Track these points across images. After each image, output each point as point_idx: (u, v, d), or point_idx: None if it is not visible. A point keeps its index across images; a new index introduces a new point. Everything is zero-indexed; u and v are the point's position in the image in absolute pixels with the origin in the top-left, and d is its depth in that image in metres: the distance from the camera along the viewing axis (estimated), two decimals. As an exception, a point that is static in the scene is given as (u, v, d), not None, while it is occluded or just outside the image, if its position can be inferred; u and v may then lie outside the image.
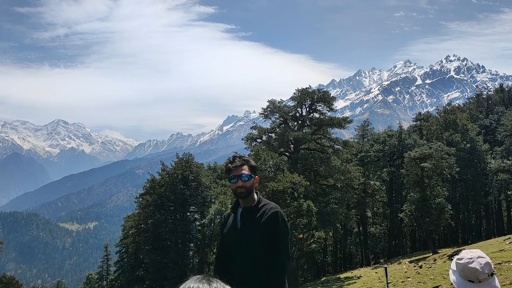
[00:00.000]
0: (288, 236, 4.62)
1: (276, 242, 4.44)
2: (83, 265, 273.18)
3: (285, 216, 4.64)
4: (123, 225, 59.84)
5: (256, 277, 4.38)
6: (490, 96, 72.63)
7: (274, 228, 4.45)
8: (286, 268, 4.48)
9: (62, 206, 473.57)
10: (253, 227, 4.49)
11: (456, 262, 3.48)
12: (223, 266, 4.64)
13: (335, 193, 47.36)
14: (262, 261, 4.39)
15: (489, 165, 52.13)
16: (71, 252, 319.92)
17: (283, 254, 4.44)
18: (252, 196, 4.65)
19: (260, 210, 4.55)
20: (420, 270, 26.69)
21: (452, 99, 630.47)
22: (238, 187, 4.56)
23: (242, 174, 4.54)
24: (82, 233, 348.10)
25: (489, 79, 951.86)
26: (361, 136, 62.21)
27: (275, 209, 4.53)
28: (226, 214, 4.86)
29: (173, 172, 54.77)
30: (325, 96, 47.23)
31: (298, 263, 40.77)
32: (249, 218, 4.55)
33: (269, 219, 4.46)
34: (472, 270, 3.35)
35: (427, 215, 39.88)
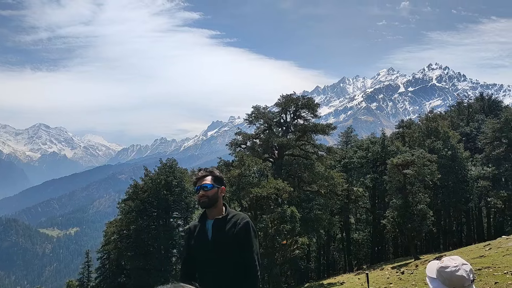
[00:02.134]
0: (258, 244, 4.74)
1: (249, 251, 4.55)
2: (64, 272, 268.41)
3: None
4: (105, 231, 59.01)
5: (229, 286, 4.44)
6: (470, 104, 73.89)
7: (247, 238, 4.56)
8: (259, 276, 4.56)
9: (43, 211, 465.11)
10: (225, 238, 4.55)
11: (440, 271, 3.39)
12: (190, 278, 4.64)
13: (319, 199, 47.52)
14: (233, 272, 4.46)
15: (469, 172, 52.97)
16: (51, 258, 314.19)
17: (256, 262, 4.56)
18: (218, 207, 4.69)
19: (231, 221, 4.62)
20: (402, 276, 26.92)
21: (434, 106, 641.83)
22: (200, 196, 4.63)
23: (204, 184, 4.64)
24: (62, 239, 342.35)
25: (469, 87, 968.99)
26: (345, 143, 62.68)
27: (247, 219, 4.64)
28: (192, 225, 4.86)
29: (156, 178, 54.31)
30: (309, 103, 47.51)
31: (281, 269, 40.75)
32: (220, 229, 4.59)
33: (242, 230, 4.55)
34: (460, 277, 3.31)
35: (409, 221, 40.29)
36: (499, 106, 74.46)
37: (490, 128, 54.90)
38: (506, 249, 26.21)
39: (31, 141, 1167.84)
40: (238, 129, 51.35)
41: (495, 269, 20.08)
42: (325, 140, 68.15)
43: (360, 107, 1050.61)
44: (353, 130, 66.57)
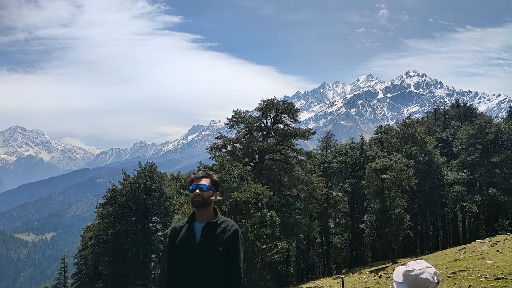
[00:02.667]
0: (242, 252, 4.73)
1: (236, 258, 4.54)
2: (39, 278, 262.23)
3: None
4: (82, 236, 58.08)
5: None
6: (447, 111, 75.44)
7: (235, 244, 4.55)
8: (241, 282, 4.58)
9: (18, 216, 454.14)
10: (214, 242, 4.51)
11: (406, 274, 3.53)
12: (174, 279, 4.57)
13: (299, 204, 47.73)
14: (215, 276, 4.43)
15: (445, 177, 53.98)
16: (26, 264, 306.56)
17: (241, 269, 4.58)
18: (209, 211, 4.65)
19: (221, 226, 4.59)
20: (380, 279, 27.27)
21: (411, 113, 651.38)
22: (195, 195, 4.57)
23: (201, 184, 4.59)
24: (38, 244, 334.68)
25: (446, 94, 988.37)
26: (325, 148, 63.18)
27: (236, 227, 4.62)
28: (178, 226, 4.75)
29: (135, 182, 53.81)
30: (289, 108, 47.79)
31: (261, 274, 40.72)
32: (210, 234, 4.55)
33: (231, 236, 4.53)
34: (424, 280, 3.45)
35: (387, 225, 40.85)
36: (474, 113, 76.29)
37: (465, 134, 56.13)
38: (480, 253, 26.82)
39: (7, 144, 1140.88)
40: (219, 133, 51.30)
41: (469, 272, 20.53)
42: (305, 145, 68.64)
43: (340, 113, 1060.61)
44: (332, 135, 67.21)
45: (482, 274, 18.89)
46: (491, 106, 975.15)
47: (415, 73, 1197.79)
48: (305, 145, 75.73)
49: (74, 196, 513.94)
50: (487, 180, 52.52)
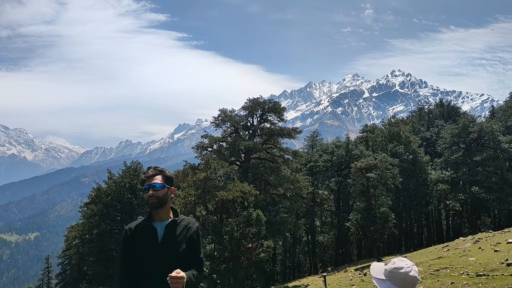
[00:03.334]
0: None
1: (200, 252, 4.59)
2: (22, 278, 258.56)
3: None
4: (66, 236, 57.42)
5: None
6: (431, 110, 76.31)
7: (198, 241, 4.58)
8: (202, 275, 4.64)
9: (0, 216, 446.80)
10: (177, 240, 4.45)
11: (394, 272, 3.46)
12: (131, 280, 4.41)
13: (285, 202, 47.87)
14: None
15: (429, 176, 54.63)
16: (9, 264, 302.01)
17: (203, 262, 4.65)
18: (166, 208, 4.57)
19: (181, 224, 4.55)
20: (365, 277, 27.50)
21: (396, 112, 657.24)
22: (149, 196, 4.48)
23: (153, 183, 4.49)
24: (21, 245, 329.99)
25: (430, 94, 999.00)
26: (311, 147, 63.43)
27: (196, 224, 4.64)
28: (133, 227, 4.62)
29: (120, 181, 53.34)
30: (276, 107, 47.86)
31: (247, 273, 40.75)
32: (173, 232, 4.48)
33: (194, 233, 4.53)
34: (412, 278, 3.43)
35: (372, 224, 41.21)
36: (458, 112, 77.37)
37: (448, 133, 56.86)
38: (463, 250, 27.22)
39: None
40: (205, 132, 51.19)
41: (452, 269, 20.82)
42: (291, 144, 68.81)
43: (326, 112, 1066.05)
44: (318, 134, 67.49)
45: (464, 271, 19.16)
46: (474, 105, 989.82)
47: (400, 72, 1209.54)
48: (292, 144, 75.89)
49: (58, 196, 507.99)
50: (470, 179, 53.30)
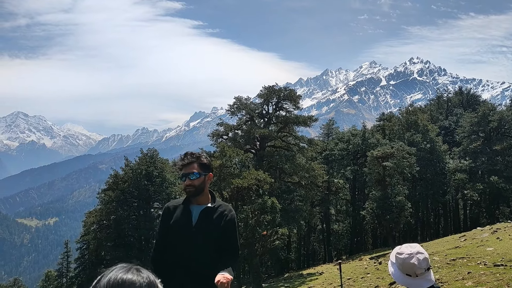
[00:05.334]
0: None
1: (235, 240, 4.58)
2: (42, 262, 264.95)
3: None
4: (84, 221, 58.35)
5: (203, 272, 4.38)
6: (450, 98, 75.05)
7: (233, 229, 4.57)
8: (237, 260, 4.65)
9: (21, 201, 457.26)
10: (211, 227, 4.48)
11: (396, 256, 3.65)
12: (161, 256, 4.55)
13: (300, 191, 47.83)
14: (210, 258, 4.42)
15: (447, 165, 53.93)
16: (30, 248, 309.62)
17: (238, 247, 4.63)
18: (205, 195, 4.59)
19: (218, 210, 4.56)
20: (380, 266, 27.40)
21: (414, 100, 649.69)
22: (187, 185, 4.49)
23: (191, 172, 4.48)
24: (41, 229, 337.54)
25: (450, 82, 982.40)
26: (326, 135, 63.08)
27: (233, 211, 4.63)
28: (172, 206, 4.67)
29: (137, 168, 53.88)
30: (291, 94, 47.61)
31: (261, 260, 41.03)
32: (208, 218, 4.52)
33: (229, 221, 4.53)
34: (411, 265, 3.54)
35: (388, 212, 40.96)
36: (477, 100, 75.88)
37: (467, 122, 55.91)
38: (480, 240, 26.88)
39: (9, 130, 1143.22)
40: (221, 119, 51.24)
41: (469, 259, 20.59)
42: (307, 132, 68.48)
43: (343, 100, 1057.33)
44: (334, 122, 67.00)
45: (481, 261, 18.94)
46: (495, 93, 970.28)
47: (419, 60, 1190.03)
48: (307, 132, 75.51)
49: (76, 182, 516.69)
50: (489, 168, 52.47)
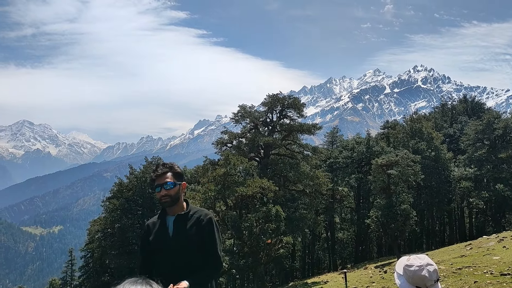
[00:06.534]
0: (221, 240, 4.70)
1: (214, 245, 4.51)
2: (47, 270, 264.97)
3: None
4: (89, 230, 58.48)
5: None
6: (454, 106, 74.86)
7: (211, 233, 4.52)
8: (221, 266, 4.58)
9: (26, 209, 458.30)
10: (187, 234, 4.45)
11: (405, 269, 3.55)
12: (146, 273, 4.46)
13: (304, 199, 47.69)
14: (192, 267, 4.41)
15: (452, 173, 53.65)
16: (34, 257, 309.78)
17: (219, 254, 4.53)
18: (180, 204, 4.58)
19: (193, 217, 4.53)
20: (385, 275, 27.23)
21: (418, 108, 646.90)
22: (162, 196, 4.46)
23: (165, 182, 4.45)
24: (46, 238, 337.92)
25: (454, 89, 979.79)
26: (331, 143, 63.01)
27: (210, 215, 4.59)
28: (151, 223, 4.68)
29: (142, 176, 54.00)
30: (295, 102, 47.65)
31: (266, 268, 40.85)
32: (182, 225, 4.49)
33: (205, 226, 4.49)
34: (422, 277, 3.46)
35: (393, 221, 40.71)
36: (482, 108, 75.63)
37: (472, 130, 55.69)
38: (486, 249, 26.66)
39: (15, 138, 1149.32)
40: (225, 128, 51.31)
41: (475, 268, 20.42)
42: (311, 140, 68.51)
43: (347, 108, 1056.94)
44: (338, 130, 66.98)
45: (488, 270, 18.78)
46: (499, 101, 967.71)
47: (423, 67, 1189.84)
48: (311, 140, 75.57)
49: (81, 190, 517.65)
50: (494, 176, 52.13)
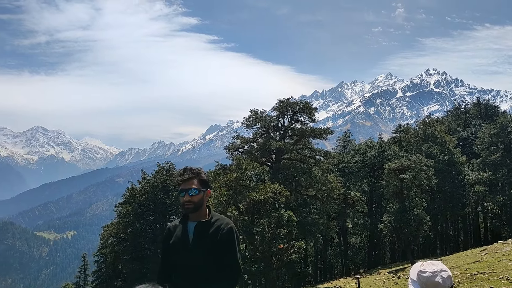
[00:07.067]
0: (240, 248, 4.67)
1: (233, 254, 4.48)
2: (60, 275, 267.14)
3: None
4: (101, 235, 58.88)
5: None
6: (467, 109, 74.16)
7: (231, 243, 4.48)
8: (240, 275, 4.56)
9: (40, 214, 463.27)
10: (207, 242, 4.45)
11: (419, 275, 3.54)
12: (166, 278, 4.55)
13: (316, 204, 47.53)
14: (210, 274, 4.40)
15: (466, 177, 53.05)
16: (48, 262, 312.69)
17: (239, 263, 4.51)
18: (202, 210, 4.58)
19: (214, 224, 4.51)
20: (398, 280, 26.96)
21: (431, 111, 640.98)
22: (185, 201, 4.47)
23: (190, 188, 4.46)
24: (59, 242, 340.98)
25: (467, 93, 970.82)
26: (342, 147, 62.77)
27: (231, 225, 4.55)
28: (172, 226, 4.71)
29: (154, 181, 54.30)
30: (306, 107, 47.62)
31: (278, 274, 40.68)
32: (203, 233, 4.49)
33: (225, 235, 4.46)
34: (435, 283, 3.45)
35: (406, 226, 40.31)
36: (496, 111, 74.79)
37: (486, 133, 55.05)
38: (502, 254, 26.26)
39: (29, 144, 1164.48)
40: (236, 133, 51.44)
41: (491, 274, 20.13)
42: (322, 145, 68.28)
43: (358, 112, 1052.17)
44: (350, 134, 66.72)
45: (504, 276, 18.50)
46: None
47: (435, 71, 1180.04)
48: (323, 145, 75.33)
49: (94, 195, 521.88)
50: (509, 180, 51.41)
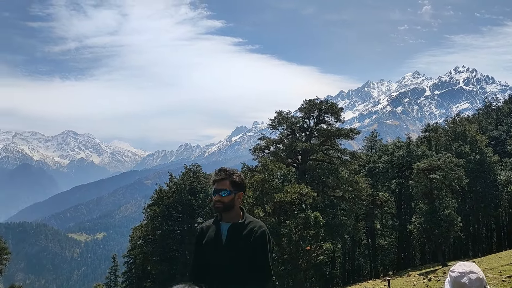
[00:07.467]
0: (272, 254, 4.69)
1: (265, 258, 4.50)
2: (91, 276, 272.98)
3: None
4: (131, 236, 59.93)
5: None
6: (499, 107, 72.12)
7: (263, 246, 4.51)
8: (271, 278, 4.57)
9: (71, 216, 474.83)
10: (239, 243, 4.49)
11: (449, 274, 3.61)
12: (198, 278, 4.58)
13: (343, 205, 47.12)
14: (242, 276, 4.43)
15: (499, 176, 51.62)
16: (79, 262, 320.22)
17: (270, 267, 4.53)
18: (235, 212, 4.62)
19: (248, 227, 4.55)
20: (429, 283, 26.42)
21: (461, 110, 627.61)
22: (216, 201, 4.56)
23: (222, 189, 4.54)
24: (90, 244, 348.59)
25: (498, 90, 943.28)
26: (370, 147, 62.06)
27: (264, 228, 4.58)
28: (205, 226, 4.77)
29: (181, 183, 54.93)
30: (332, 107, 47.31)
31: (305, 275, 40.47)
32: (236, 234, 4.53)
33: (258, 238, 4.49)
34: (461, 284, 3.48)
35: (436, 227, 39.49)
36: (529, 108, 72.44)
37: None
38: (538, 256, 25.44)
39: (60, 148, 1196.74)
40: (262, 134, 51.57)
41: (526, 276, 19.52)
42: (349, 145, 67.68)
43: (385, 111, 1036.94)
44: (377, 134, 65.90)
45: (540, 279, 17.91)
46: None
47: (465, 68, 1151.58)
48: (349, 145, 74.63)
49: (123, 198, 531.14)
50: (545, 180, 49.75)
